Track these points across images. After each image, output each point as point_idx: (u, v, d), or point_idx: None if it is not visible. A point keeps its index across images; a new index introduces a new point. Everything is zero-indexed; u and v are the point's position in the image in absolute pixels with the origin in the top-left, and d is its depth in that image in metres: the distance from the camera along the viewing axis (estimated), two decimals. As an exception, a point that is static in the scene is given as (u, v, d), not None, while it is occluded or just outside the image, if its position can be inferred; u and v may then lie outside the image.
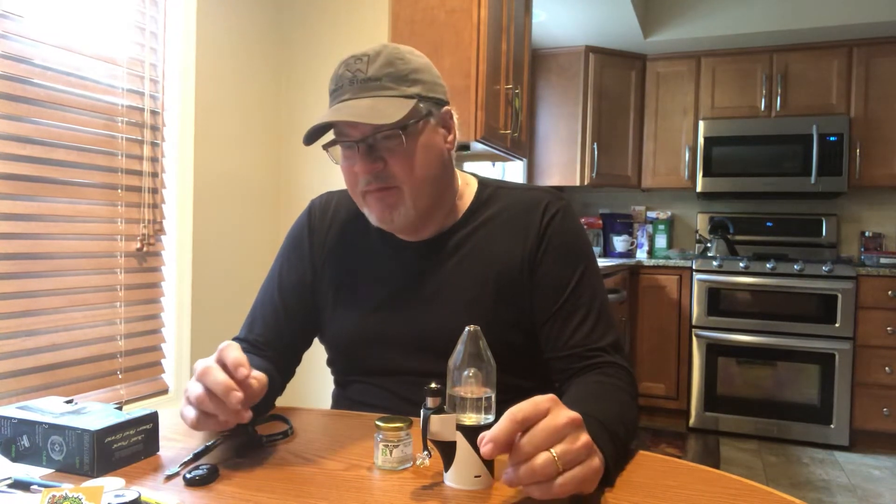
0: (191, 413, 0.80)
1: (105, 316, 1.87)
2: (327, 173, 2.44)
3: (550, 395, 0.68)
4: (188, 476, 0.73)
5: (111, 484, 0.68)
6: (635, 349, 3.91)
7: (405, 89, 0.95)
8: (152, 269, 2.02)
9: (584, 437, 0.67)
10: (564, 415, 0.66)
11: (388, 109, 0.92)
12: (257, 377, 0.81)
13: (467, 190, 1.10)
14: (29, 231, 1.67)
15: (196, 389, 0.79)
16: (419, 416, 0.73)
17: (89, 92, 1.81)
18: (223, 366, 0.79)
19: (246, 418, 0.79)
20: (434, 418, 0.71)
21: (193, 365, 0.83)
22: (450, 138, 1.03)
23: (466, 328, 0.74)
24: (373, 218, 1.01)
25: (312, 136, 0.97)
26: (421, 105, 0.96)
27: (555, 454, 0.64)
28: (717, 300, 3.70)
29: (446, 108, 1.02)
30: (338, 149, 0.99)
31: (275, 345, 1.09)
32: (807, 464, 3.25)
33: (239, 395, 0.76)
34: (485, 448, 0.64)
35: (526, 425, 0.65)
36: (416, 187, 0.97)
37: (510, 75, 2.50)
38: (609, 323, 1.02)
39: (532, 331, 1.03)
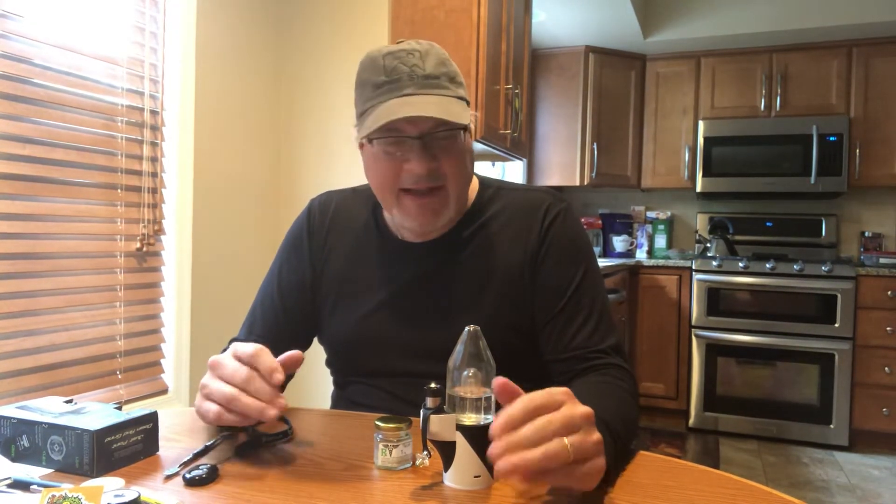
0: (208, 406, 0.80)
1: (105, 316, 1.87)
2: (327, 173, 2.44)
3: (565, 389, 0.68)
4: (188, 476, 0.73)
5: (111, 484, 0.68)
6: (635, 349, 3.91)
7: (456, 90, 0.97)
8: (152, 269, 2.02)
9: (597, 435, 0.67)
10: (580, 408, 0.66)
11: (458, 110, 0.93)
12: (293, 357, 0.82)
13: (469, 189, 1.10)
14: (29, 231, 1.67)
15: (219, 386, 0.79)
16: (419, 417, 0.73)
17: (89, 92, 1.81)
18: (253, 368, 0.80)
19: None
20: (434, 418, 0.71)
21: (208, 361, 0.83)
22: (472, 140, 1.05)
23: (466, 328, 0.74)
24: (408, 221, 1.00)
25: (377, 123, 0.92)
26: (469, 110, 0.98)
27: (567, 443, 0.63)
28: (717, 300, 3.70)
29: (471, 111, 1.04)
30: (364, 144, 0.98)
31: (274, 346, 1.08)
32: (806, 464, 3.25)
33: (283, 402, 0.77)
34: (497, 427, 0.63)
35: (540, 413, 0.64)
36: (458, 187, 0.99)
37: (510, 75, 2.50)
38: (610, 325, 1.02)
39: (532, 333, 1.03)
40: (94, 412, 0.80)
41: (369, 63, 0.96)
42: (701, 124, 3.96)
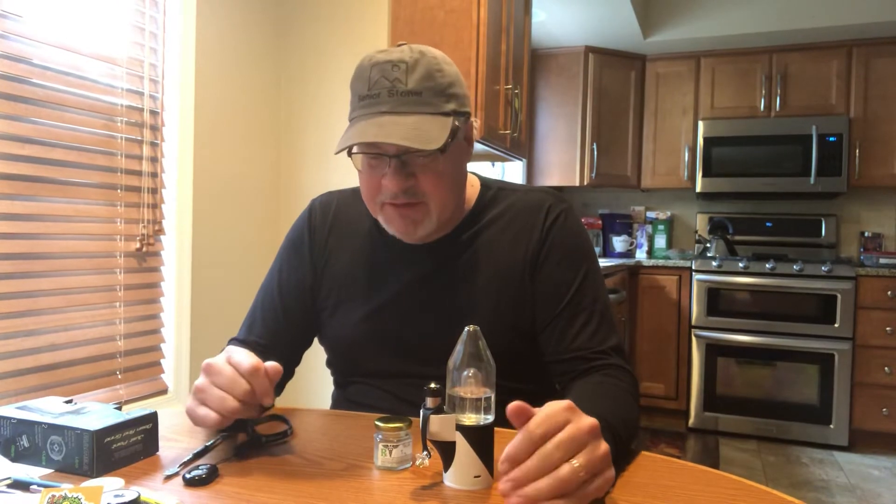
0: (205, 412, 0.82)
1: (104, 316, 1.87)
2: (327, 173, 2.44)
3: (566, 403, 0.66)
4: (187, 476, 0.73)
5: (110, 484, 0.68)
6: (635, 349, 3.91)
7: (443, 105, 0.94)
8: (152, 269, 2.02)
9: (604, 446, 0.66)
10: (584, 422, 0.65)
11: (432, 132, 0.90)
12: (272, 368, 0.83)
13: (470, 191, 1.10)
14: (29, 231, 1.67)
15: (218, 395, 0.82)
16: (419, 417, 0.73)
17: (89, 92, 1.81)
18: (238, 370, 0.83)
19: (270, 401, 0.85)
20: (434, 418, 0.71)
21: (202, 364, 0.84)
22: (470, 149, 1.04)
23: (466, 328, 0.74)
24: (391, 229, 1.00)
25: (344, 144, 0.92)
26: (456, 123, 0.95)
27: (576, 465, 0.62)
28: (717, 300, 3.70)
29: (471, 119, 1.02)
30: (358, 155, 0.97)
31: (274, 346, 1.09)
32: (806, 464, 3.25)
33: (270, 401, 0.84)
34: (503, 466, 0.63)
35: (545, 439, 0.64)
36: (441, 202, 0.98)
37: (510, 75, 2.51)
38: (611, 326, 1.02)
39: (533, 333, 1.03)
40: (94, 412, 0.80)
41: (359, 72, 0.95)
42: (701, 124, 3.96)
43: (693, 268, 3.76)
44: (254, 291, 1.16)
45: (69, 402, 0.84)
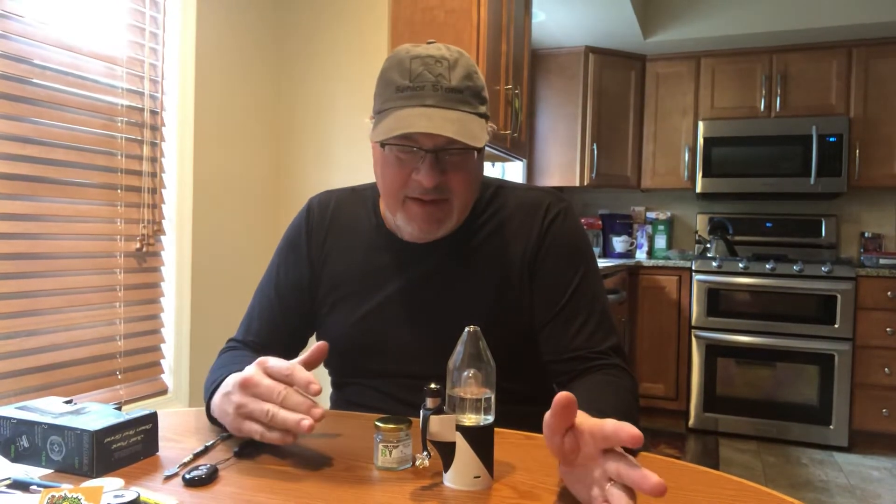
0: (256, 428, 0.79)
1: (104, 316, 1.87)
2: (326, 173, 2.44)
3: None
4: (187, 476, 0.73)
5: (110, 484, 0.68)
6: (635, 349, 3.91)
7: (479, 106, 0.96)
8: (152, 269, 2.02)
9: None
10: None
11: (476, 130, 0.92)
12: (320, 349, 0.87)
13: None
14: (29, 231, 1.67)
15: (263, 408, 0.78)
16: (418, 418, 0.73)
17: (89, 92, 1.81)
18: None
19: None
20: (434, 419, 0.71)
21: (237, 380, 0.81)
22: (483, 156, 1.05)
23: (466, 328, 0.74)
24: (411, 226, 1.00)
25: (396, 132, 0.90)
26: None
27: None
28: (717, 301, 3.70)
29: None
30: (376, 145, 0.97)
31: (272, 345, 1.09)
32: (806, 464, 3.25)
33: (319, 411, 0.76)
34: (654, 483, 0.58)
35: None
36: (464, 202, 0.99)
37: (510, 76, 2.51)
38: (610, 326, 1.02)
39: (532, 333, 1.03)
40: (94, 412, 0.80)
41: (396, 63, 0.94)
42: (701, 125, 3.96)
43: (693, 268, 3.76)
44: (254, 292, 1.16)
45: (69, 402, 0.84)
